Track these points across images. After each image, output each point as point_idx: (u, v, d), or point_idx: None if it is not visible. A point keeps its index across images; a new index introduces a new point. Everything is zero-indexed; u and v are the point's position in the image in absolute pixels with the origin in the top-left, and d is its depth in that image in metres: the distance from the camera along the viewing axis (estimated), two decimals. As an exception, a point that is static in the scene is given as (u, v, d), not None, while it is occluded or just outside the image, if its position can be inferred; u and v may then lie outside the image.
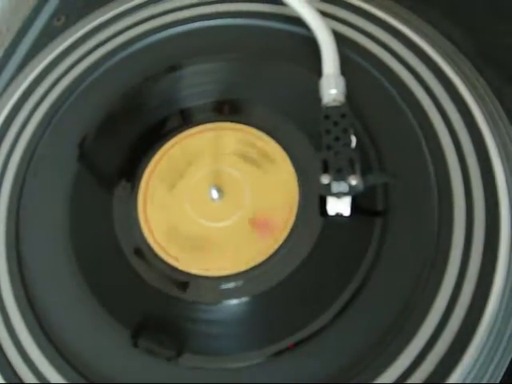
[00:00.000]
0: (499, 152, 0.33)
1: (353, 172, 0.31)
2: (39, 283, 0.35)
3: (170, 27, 0.42)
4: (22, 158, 0.39)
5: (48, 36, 0.46)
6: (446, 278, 0.30)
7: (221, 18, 0.41)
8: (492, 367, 0.29)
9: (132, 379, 0.31)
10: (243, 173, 0.36)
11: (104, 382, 0.31)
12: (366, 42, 0.38)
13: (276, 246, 0.34)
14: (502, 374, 0.29)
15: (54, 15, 0.47)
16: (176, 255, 0.35)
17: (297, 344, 0.30)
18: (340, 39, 0.37)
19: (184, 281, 0.34)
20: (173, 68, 0.41)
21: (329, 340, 0.30)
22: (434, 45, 0.37)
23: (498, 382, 0.29)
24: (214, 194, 0.35)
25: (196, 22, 0.42)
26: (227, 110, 0.39)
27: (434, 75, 0.36)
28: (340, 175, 0.31)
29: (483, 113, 0.34)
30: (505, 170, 0.32)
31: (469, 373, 0.28)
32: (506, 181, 0.32)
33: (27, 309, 0.34)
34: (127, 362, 0.32)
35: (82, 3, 0.46)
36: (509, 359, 0.29)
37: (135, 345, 0.32)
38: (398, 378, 0.28)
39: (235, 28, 0.41)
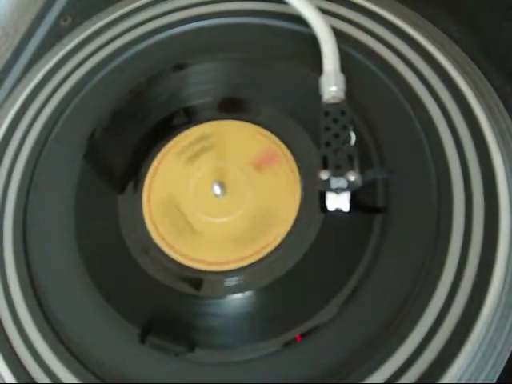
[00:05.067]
0: (500, 149, 0.32)
1: (351, 168, 0.31)
2: (47, 283, 0.35)
3: (175, 26, 0.42)
4: (30, 157, 0.40)
5: (55, 36, 0.46)
6: (444, 277, 0.30)
7: (222, 16, 0.42)
8: (488, 367, 0.28)
9: (141, 376, 0.31)
10: (246, 169, 0.37)
11: (114, 379, 0.31)
12: (366, 39, 0.38)
13: (277, 242, 0.34)
14: (498, 374, 0.29)
15: (61, 16, 0.47)
16: (180, 251, 0.35)
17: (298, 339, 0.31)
18: (340, 37, 0.37)
19: (189, 276, 0.34)
20: (177, 67, 0.41)
21: (325, 337, 0.30)
22: (435, 42, 0.37)
23: (494, 381, 0.28)
24: (217, 189, 0.36)
25: (198, 21, 0.42)
26: (230, 108, 0.39)
27: (434, 72, 0.36)
28: (339, 171, 0.31)
29: (484, 110, 0.34)
30: (505, 167, 0.32)
31: (464, 372, 0.28)
32: (506, 177, 0.32)
33: (36, 309, 0.34)
34: (136, 359, 0.32)
35: (88, 4, 0.47)
36: (505, 359, 0.29)
37: (143, 342, 0.32)
38: (391, 377, 0.28)
39: (236, 27, 0.41)
